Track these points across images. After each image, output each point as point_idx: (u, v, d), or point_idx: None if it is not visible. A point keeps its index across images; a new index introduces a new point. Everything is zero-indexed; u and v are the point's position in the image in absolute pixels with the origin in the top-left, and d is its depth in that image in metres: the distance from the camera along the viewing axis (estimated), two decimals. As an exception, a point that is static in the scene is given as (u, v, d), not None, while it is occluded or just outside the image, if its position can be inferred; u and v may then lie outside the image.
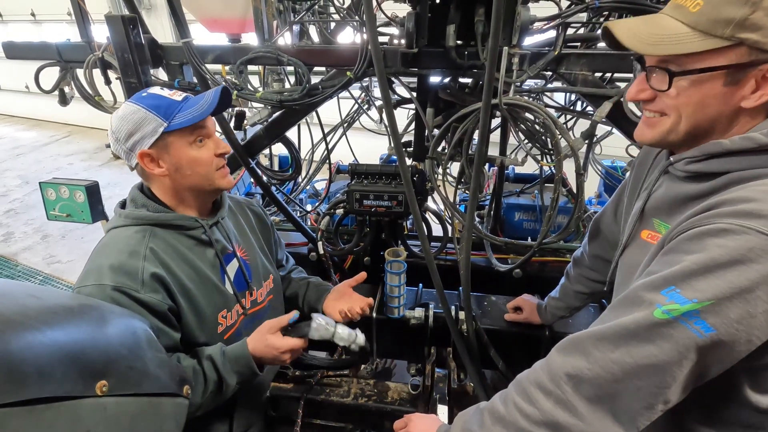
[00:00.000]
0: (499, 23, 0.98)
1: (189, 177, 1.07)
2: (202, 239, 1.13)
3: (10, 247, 5.06)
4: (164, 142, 1.03)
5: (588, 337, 0.73)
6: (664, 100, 0.77)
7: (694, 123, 0.75)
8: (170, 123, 1.01)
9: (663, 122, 0.78)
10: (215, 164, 1.10)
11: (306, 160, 2.49)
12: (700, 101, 0.72)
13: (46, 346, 0.64)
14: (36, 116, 10.98)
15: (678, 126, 0.76)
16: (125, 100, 1.65)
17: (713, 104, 0.72)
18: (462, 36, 1.42)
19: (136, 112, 1.00)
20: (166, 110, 1.01)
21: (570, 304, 1.40)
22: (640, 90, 0.79)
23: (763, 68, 0.67)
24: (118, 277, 0.97)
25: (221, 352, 1.09)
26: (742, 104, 0.71)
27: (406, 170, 1.21)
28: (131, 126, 1.00)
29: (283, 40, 1.68)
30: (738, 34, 0.66)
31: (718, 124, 0.74)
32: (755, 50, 0.66)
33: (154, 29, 1.70)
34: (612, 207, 1.19)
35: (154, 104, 1.01)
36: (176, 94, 1.06)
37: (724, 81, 0.70)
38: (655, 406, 0.67)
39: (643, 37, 0.73)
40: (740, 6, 0.65)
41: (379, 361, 2.26)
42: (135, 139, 1.01)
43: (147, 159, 1.04)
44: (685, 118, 0.75)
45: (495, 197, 2.17)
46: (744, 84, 0.69)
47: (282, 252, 1.54)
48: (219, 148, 1.10)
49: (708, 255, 0.64)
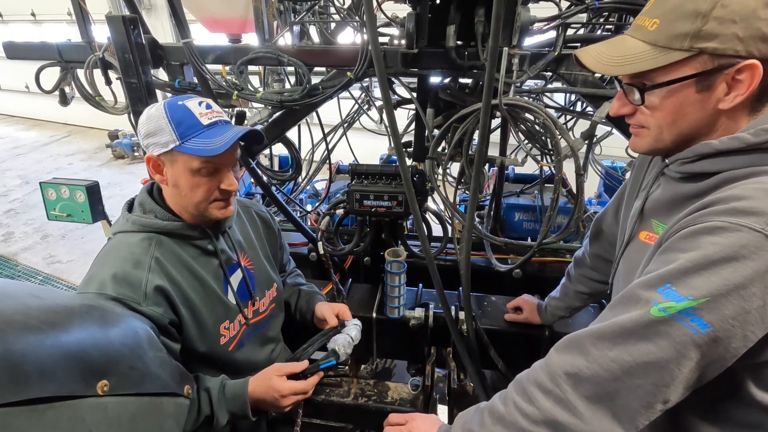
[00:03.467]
0: (499, 24, 0.98)
1: (184, 197, 1.05)
2: (207, 249, 1.12)
3: (10, 247, 5.06)
4: (172, 157, 1.01)
5: (586, 336, 0.73)
6: (642, 115, 0.80)
7: (676, 131, 0.78)
8: (182, 144, 0.98)
9: (646, 133, 0.82)
10: (213, 196, 1.05)
11: (306, 160, 2.49)
12: (677, 110, 0.76)
13: (47, 346, 0.64)
14: (36, 116, 10.99)
15: (662, 135, 0.80)
16: (125, 99, 1.67)
17: (691, 111, 0.75)
18: (462, 36, 1.42)
19: (160, 119, 0.99)
20: (186, 130, 0.98)
21: (571, 304, 1.40)
22: (621, 105, 0.83)
23: (730, 71, 0.69)
24: (120, 288, 0.96)
25: (220, 387, 1.08)
26: (720, 106, 0.73)
27: (406, 170, 1.22)
28: (152, 128, 1.00)
29: (283, 41, 1.69)
30: (696, 45, 0.69)
31: (702, 127, 0.77)
32: (717, 57, 0.69)
33: (154, 29, 1.70)
34: (613, 207, 1.20)
35: (178, 118, 0.99)
36: (208, 116, 1.02)
37: (695, 89, 0.73)
38: (654, 405, 0.67)
39: (607, 60, 0.78)
40: (692, 20, 0.68)
41: (379, 361, 2.26)
42: (150, 141, 1.01)
43: (152, 163, 1.04)
44: (666, 128, 0.78)
45: (495, 197, 2.17)
46: (716, 88, 0.72)
47: (286, 256, 1.53)
48: (225, 184, 1.05)
49: (702, 253, 0.65)
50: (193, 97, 1.05)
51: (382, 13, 1.66)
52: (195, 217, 1.09)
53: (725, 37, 0.67)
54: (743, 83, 0.69)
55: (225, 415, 1.06)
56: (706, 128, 0.76)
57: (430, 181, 1.71)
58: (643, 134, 0.82)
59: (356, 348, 1.26)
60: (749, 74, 0.68)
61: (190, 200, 1.05)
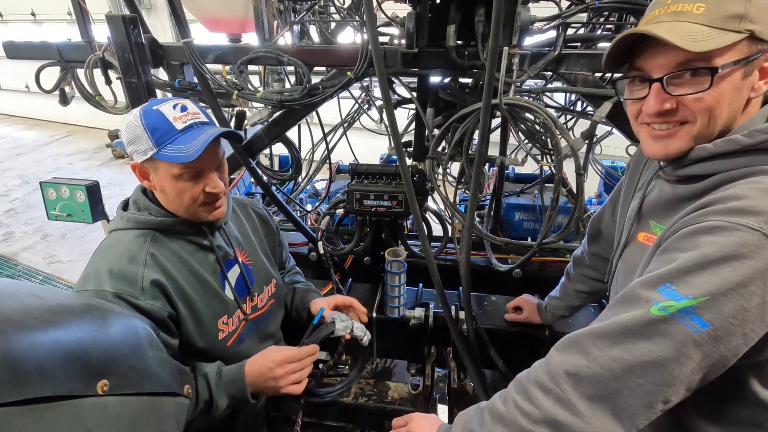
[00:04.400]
0: (500, 23, 0.98)
1: (172, 202, 1.05)
2: (203, 245, 1.12)
3: (11, 247, 5.06)
4: (153, 164, 1.01)
5: (587, 335, 0.73)
6: (687, 108, 0.74)
7: (723, 121, 0.74)
8: (158, 151, 0.97)
9: (687, 129, 0.76)
10: (200, 200, 1.05)
11: (306, 159, 2.50)
12: (730, 96, 0.73)
13: (47, 346, 0.64)
14: (36, 116, 10.99)
15: (708, 128, 0.75)
16: (125, 99, 1.67)
17: (736, 98, 0.74)
18: (462, 36, 1.42)
19: (136, 127, 0.98)
20: (161, 136, 0.97)
21: (570, 303, 1.40)
22: (663, 100, 0.75)
23: (763, 57, 0.71)
24: (117, 284, 0.97)
25: (217, 372, 1.07)
26: (751, 94, 0.73)
27: (406, 170, 1.22)
28: (131, 136, 0.99)
29: (283, 40, 1.68)
30: (747, 27, 0.69)
31: (735, 117, 0.75)
32: (757, 40, 0.70)
33: (154, 29, 1.70)
34: (610, 207, 1.20)
35: (153, 125, 0.97)
36: (182, 119, 1.00)
37: (742, 73, 0.72)
38: (655, 405, 0.67)
39: (681, 34, 0.70)
40: (742, 1, 0.69)
41: (379, 361, 2.26)
42: (132, 149, 1.00)
43: (138, 170, 1.04)
44: (719, 117, 0.74)
45: (495, 197, 2.17)
46: (752, 74, 0.72)
47: (285, 253, 1.53)
48: (209, 186, 1.04)
49: (701, 252, 0.65)
50: (168, 100, 1.02)
51: (382, 13, 1.66)
52: (188, 217, 1.10)
53: (766, 22, 0.68)
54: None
55: (224, 398, 1.05)
56: (735, 118, 0.75)
57: (430, 181, 1.71)
58: (681, 132, 0.76)
59: (356, 348, 1.26)
60: None
61: (178, 204, 1.06)
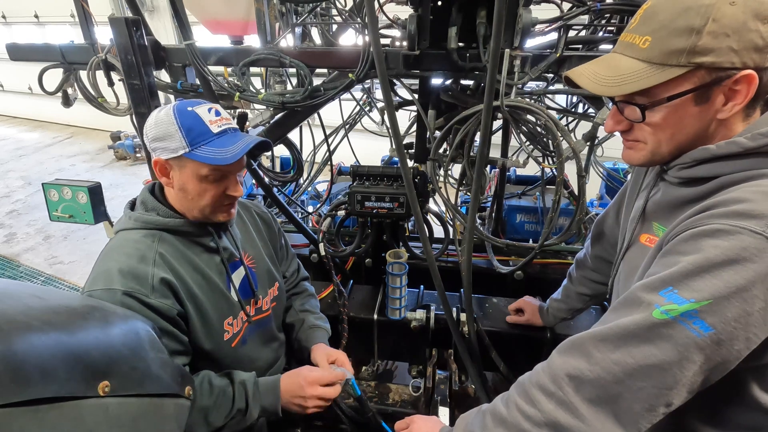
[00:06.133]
0: (501, 26, 0.98)
1: (190, 201, 1.07)
2: (209, 246, 1.13)
3: (13, 248, 5.07)
4: (180, 162, 1.02)
5: (589, 338, 0.73)
6: (640, 131, 0.80)
7: (675, 144, 0.78)
8: (191, 151, 0.99)
9: (642, 146, 0.82)
10: (219, 201, 1.08)
11: (308, 161, 2.50)
12: (677, 124, 0.76)
13: (49, 347, 0.64)
14: (39, 117, 11.03)
15: (659, 149, 0.80)
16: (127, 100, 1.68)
17: (690, 123, 0.75)
18: (464, 38, 1.42)
19: (170, 125, 0.99)
20: (196, 137, 1.00)
21: (572, 305, 1.40)
22: (616, 122, 0.83)
23: (727, 83, 0.70)
24: (128, 282, 0.97)
25: (254, 381, 1.11)
26: (718, 117, 0.74)
27: (407, 172, 1.22)
28: (160, 133, 1.00)
29: (285, 42, 1.69)
30: (693, 60, 0.69)
31: (699, 137, 0.77)
32: (714, 70, 0.69)
33: (156, 31, 1.71)
34: (614, 209, 1.20)
35: (189, 125, 0.99)
36: (217, 123, 1.03)
37: (694, 102, 0.73)
38: (657, 408, 0.67)
39: (604, 81, 0.77)
40: (687, 36, 0.68)
41: (380, 363, 2.26)
42: (158, 145, 1.01)
43: (159, 166, 1.04)
44: (665, 142, 0.79)
45: (496, 199, 2.17)
46: (714, 100, 0.72)
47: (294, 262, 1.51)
48: (230, 189, 1.07)
49: (704, 255, 0.65)
50: (202, 103, 1.05)
51: (383, 15, 1.66)
52: (197, 218, 1.10)
53: (721, 51, 0.67)
54: (740, 93, 0.70)
55: (258, 409, 1.09)
56: (703, 137, 0.77)
57: (431, 183, 1.71)
58: (638, 147, 0.82)
59: (356, 349, 1.26)
60: (746, 84, 0.69)
61: (196, 204, 1.07)
